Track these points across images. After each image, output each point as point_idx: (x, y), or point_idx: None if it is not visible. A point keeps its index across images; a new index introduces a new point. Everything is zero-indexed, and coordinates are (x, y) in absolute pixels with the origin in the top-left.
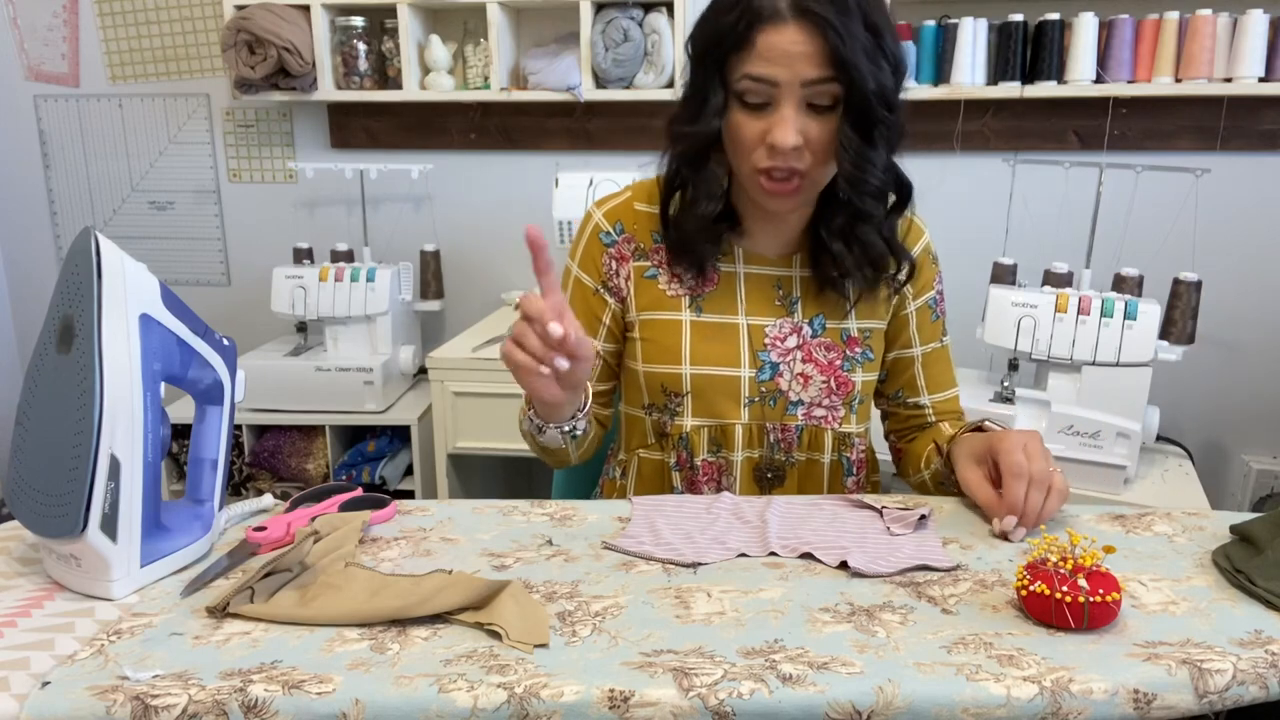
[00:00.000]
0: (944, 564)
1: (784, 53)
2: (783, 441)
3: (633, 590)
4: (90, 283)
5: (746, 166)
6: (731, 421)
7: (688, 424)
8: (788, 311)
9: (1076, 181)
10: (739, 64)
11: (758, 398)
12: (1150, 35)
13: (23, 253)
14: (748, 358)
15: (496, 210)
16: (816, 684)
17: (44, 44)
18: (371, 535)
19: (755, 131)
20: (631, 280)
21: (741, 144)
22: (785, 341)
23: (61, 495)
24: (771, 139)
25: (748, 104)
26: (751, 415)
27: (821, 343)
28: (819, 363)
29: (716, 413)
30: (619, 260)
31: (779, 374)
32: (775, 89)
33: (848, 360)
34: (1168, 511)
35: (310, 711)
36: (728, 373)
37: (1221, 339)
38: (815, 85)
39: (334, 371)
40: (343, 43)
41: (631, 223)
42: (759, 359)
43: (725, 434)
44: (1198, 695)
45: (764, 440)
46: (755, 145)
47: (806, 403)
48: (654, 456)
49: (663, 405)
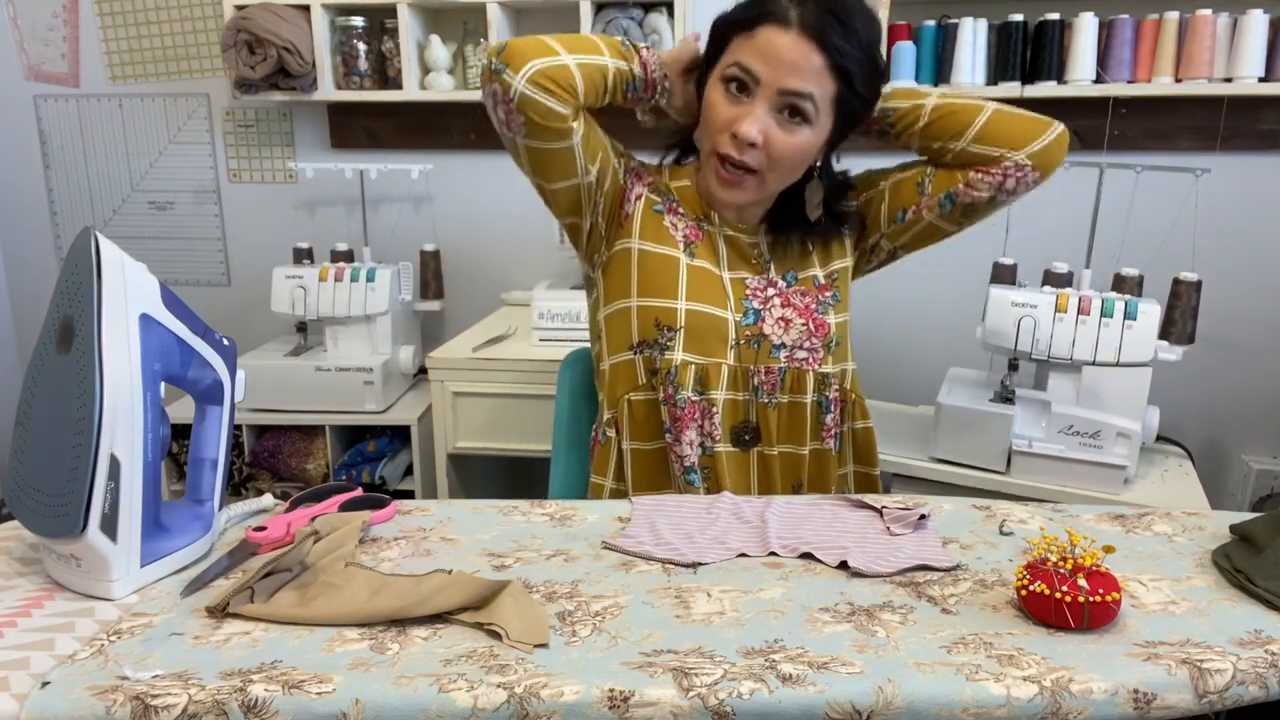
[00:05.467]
0: (944, 564)
1: (776, 55)
2: (765, 384)
3: (633, 590)
4: (90, 283)
5: (709, 146)
6: (718, 360)
7: (678, 358)
8: (763, 269)
9: (1076, 182)
10: (736, 48)
11: (743, 341)
12: (1150, 35)
13: (23, 253)
14: (733, 303)
15: (496, 210)
16: (816, 684)
17: (44, 44)
18: (371, 535)
19: (726, 116)
20: (641, 203)
21: (712, 124)
22: (764, 292)
23: (61, 495)
24: (736, 128)
25: (729, 89)
26: (736, 358)
27: (797, 290)
28: (797, 307)
29: (706, 350)
30: (638, 178)
31: (761, 319)
32: (755, 84)
33: (820, 304)
34: (1168, 511)
35: (310, 711)
36: (717, 312)
37: (1221, 339)
38: (791, 96)
39: (334, 371)
40: (343, 43)
41: (657, 168)
42: (742, 305)
43: (710, 374)
44: (1197, 695)
45: (748, 383)
46: (722, 129)
47: (789, 345)
48: (644, 397)
49: (654, 340)
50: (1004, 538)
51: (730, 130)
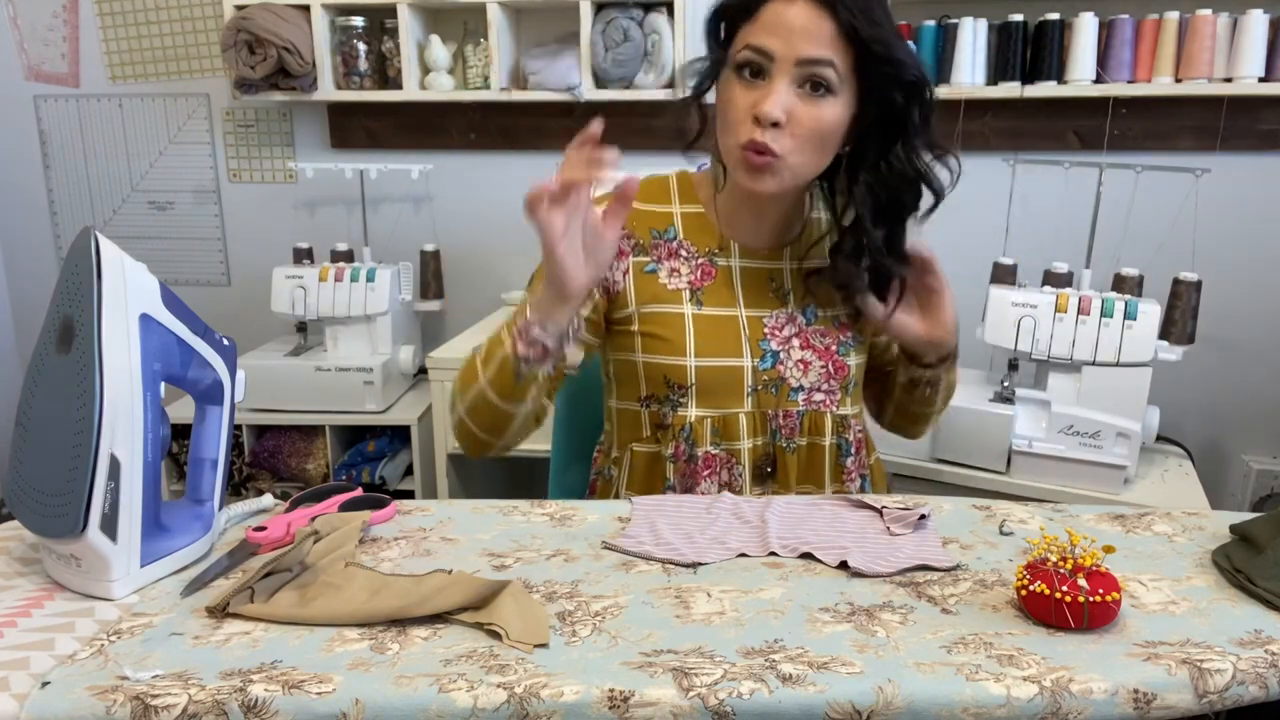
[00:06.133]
0: (944, 564)
1: (786, 26)
2: (784, 428)
3: (633, 590)
4: (90, 283)
5: (732, 141)
6: (735, 410)
7: (691, 414)
8: (783, 302)
9: (1076, 181)
10: (743, 35)
11: (760, 386)
12: (1150, 35)
13: (23, 253)
14: (749, 348)
15: (496, 210)
16: (816, 684)
17: (44, 44)
18: (371, 535)
19: (746, 103)
20: (630, 274)
21: (731, 117)
22: (783, 330)
23: (61, 495)
24: (756, 109)
25: (744, 77)
26: (754, 404)
27: (817, 329)
28: (817, 348)
29: (721, 403)
30: (617, 257)
31: (780, 361)
32: (770, 62)
33: (842, 345)
34: (1168, 511)
35: (310, 711)
36: (731, 363)
37: (1221, 339)
38: (810, 65)
39: (334, 371)
40: (343, 43)
41: (630, 220)
42: (760, 348)
43: (729, 424)
44: (1197, 695)
45: (766, 427)
46: (744, 118)
47: (807, 388)
48: (649, 449)
49: (664, 397)
50: (1004, 538)
51: (752, 115)
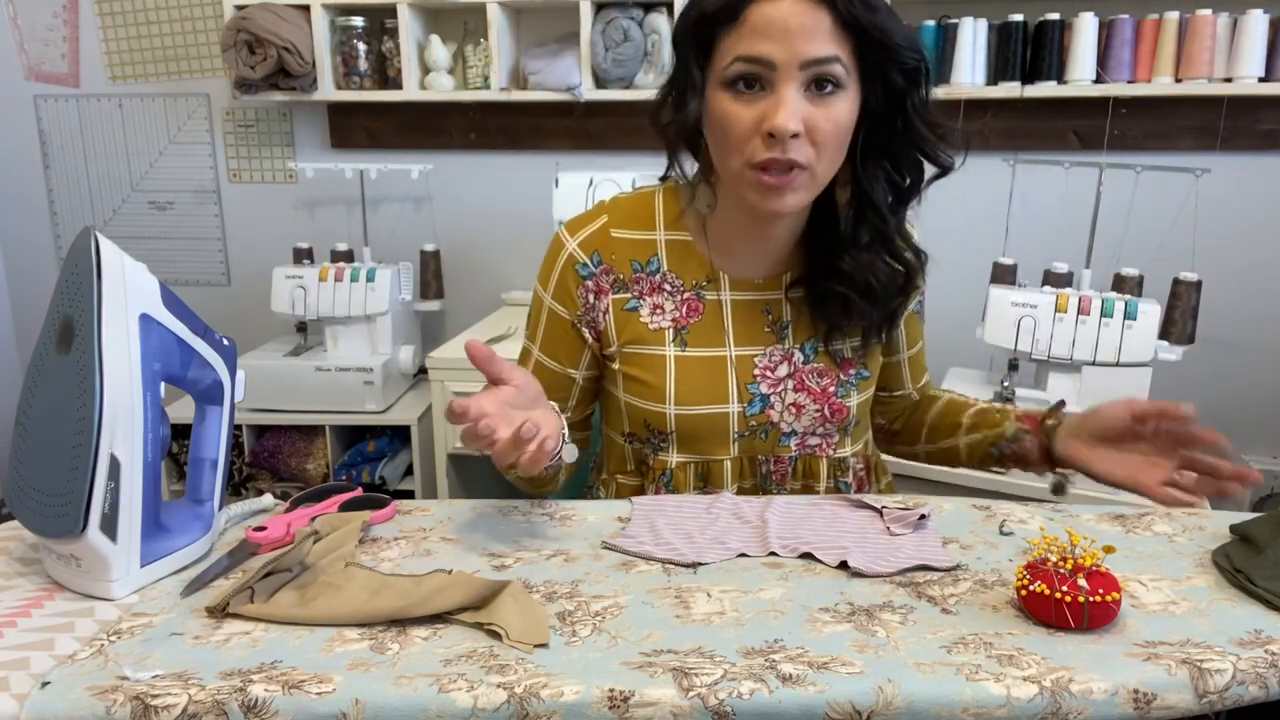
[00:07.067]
0: (944, 564)
1: (781, 27)
2: (775, 473)
3: (633, 590)
4: (90, 283)
5: (738, 163)
6: (719, 458)
7: (673, 460)
8: (778, 338)
9: (1076, 182)
10: (729, 45)
11: (747, 432)
12: (1150, 35)
13: (23, 253)
14: (736, 392)
15: (496, 210)
16: (816, 684)
17: (44, 44)
18: (371, 535)
19: (749, 120)
20: (611, 313)
21: (732, 138)
22: (776, 371)
23: (61, 495)
24: (769, 124)
25: (739, 91)
26: (741, 449)
27: (814, 369)
28: (811, 390)
29: (704, 450)
30: (597, 294)
31: (770, 406)
32: (772, 70)
33: (841, 385)
34: (1168, 511)
35: (310, 711)
36: (715, 410)
37: (1221, 339)
38: (817, 65)
39: (334, 371)
40: (343, 43)
41: (609, 253)
42: (748, 391)
43: (713, 470)
44: (1198, 695)
45: (755, 472)
46: (749, 136)
47: (800, 433)
48: (632, 483)
49: (645, 439)
50: (1004, 538)
51: (762, 131)
